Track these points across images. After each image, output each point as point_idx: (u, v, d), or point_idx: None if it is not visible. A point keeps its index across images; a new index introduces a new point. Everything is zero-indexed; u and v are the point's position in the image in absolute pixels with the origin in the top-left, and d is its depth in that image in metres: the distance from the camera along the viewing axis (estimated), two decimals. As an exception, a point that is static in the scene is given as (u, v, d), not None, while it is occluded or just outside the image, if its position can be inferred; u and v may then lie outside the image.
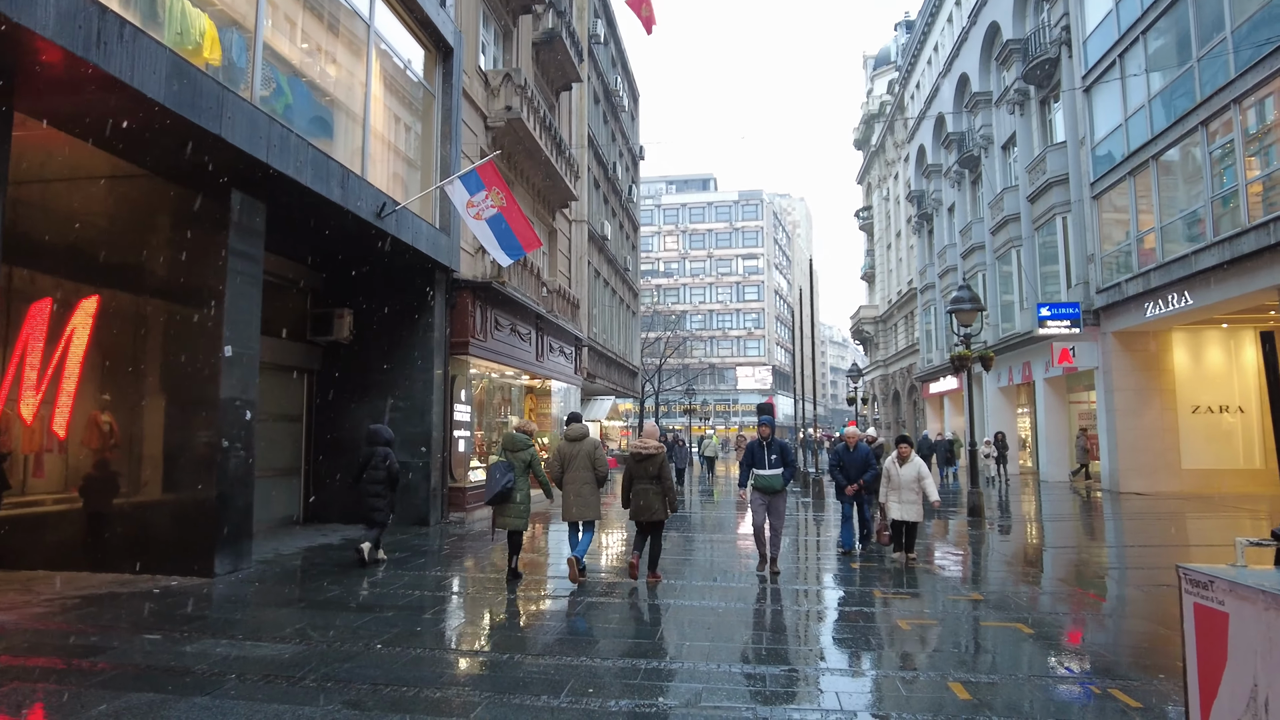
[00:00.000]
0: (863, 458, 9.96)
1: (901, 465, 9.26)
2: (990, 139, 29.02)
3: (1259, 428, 20.35)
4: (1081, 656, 5.44)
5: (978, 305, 14.76)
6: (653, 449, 7.89)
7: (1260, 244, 14.09)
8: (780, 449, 8.51)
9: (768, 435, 8.63)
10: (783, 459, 8.48)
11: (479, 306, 14.12)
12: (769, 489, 8.41)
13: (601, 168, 27.43)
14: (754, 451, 8.61)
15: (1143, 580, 8.40)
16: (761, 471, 8.48)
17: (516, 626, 6.47)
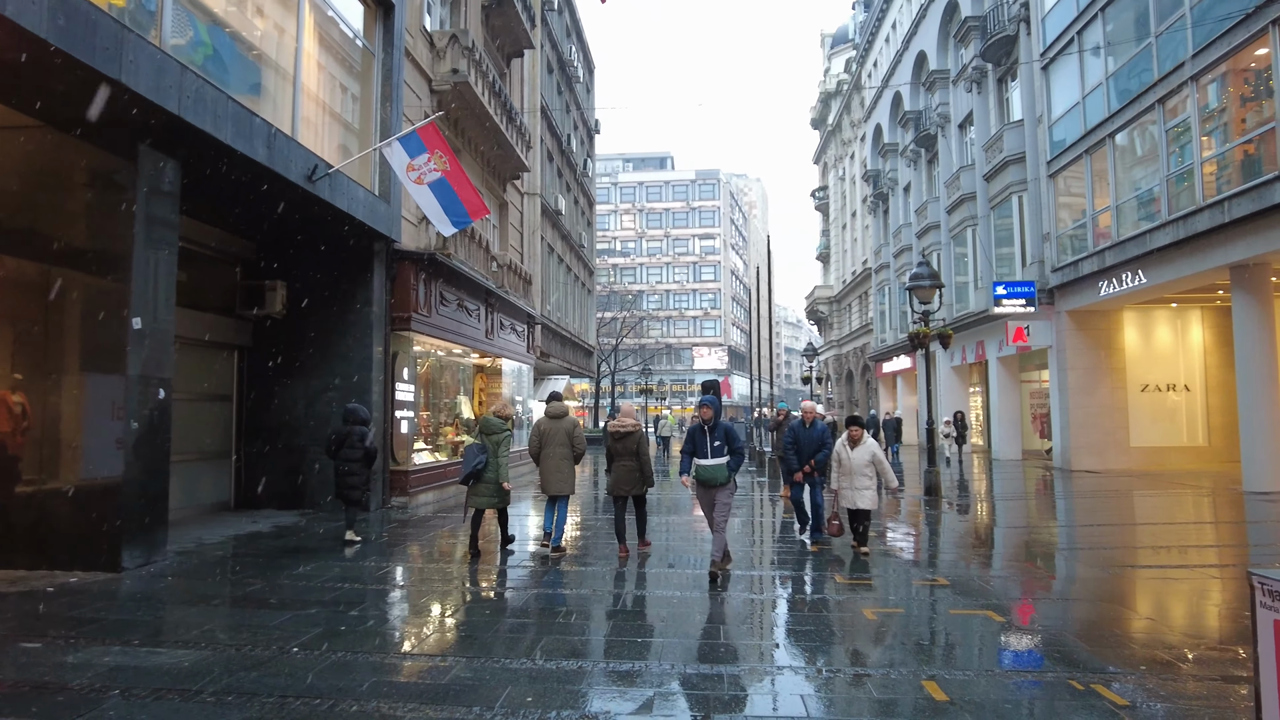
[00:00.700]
0: (819, 436, 9.13)
1: (853, 448, 8.32)
2: (947, 117, 28.91)
3: (1203, 406, 20.68)
4: (1056, 648, 5.10)
5: (937, 282, 14.51)
6: (630, 427, 8.40)
7: (1214, 222, 14.07)
8: (726, 434, 7.20)
9: (710, 418, 7.32)
10: (728, 445, 7.21)
11: (423, 280, 13.39)
12: (711, 481, 7.13)
13: (555, 140, 26.62)
14: (695, 438, 7.38)
15: (1105, 561, 8.19)
16: (703, 461, 7.20)
17: (455, 623, 5.93)
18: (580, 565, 7.98)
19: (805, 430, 9.22)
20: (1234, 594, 6.70)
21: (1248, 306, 14.27)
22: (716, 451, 7.20)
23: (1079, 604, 6.36)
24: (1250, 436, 14.13)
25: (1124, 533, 10.44)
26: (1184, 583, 7.15)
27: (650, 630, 5.57)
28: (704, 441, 7.27)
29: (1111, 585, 7.09)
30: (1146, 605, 6.36)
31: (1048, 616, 5.95)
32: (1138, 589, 6.97)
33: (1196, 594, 6.75)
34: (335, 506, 12.05)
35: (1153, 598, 6.65)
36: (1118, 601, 6.49)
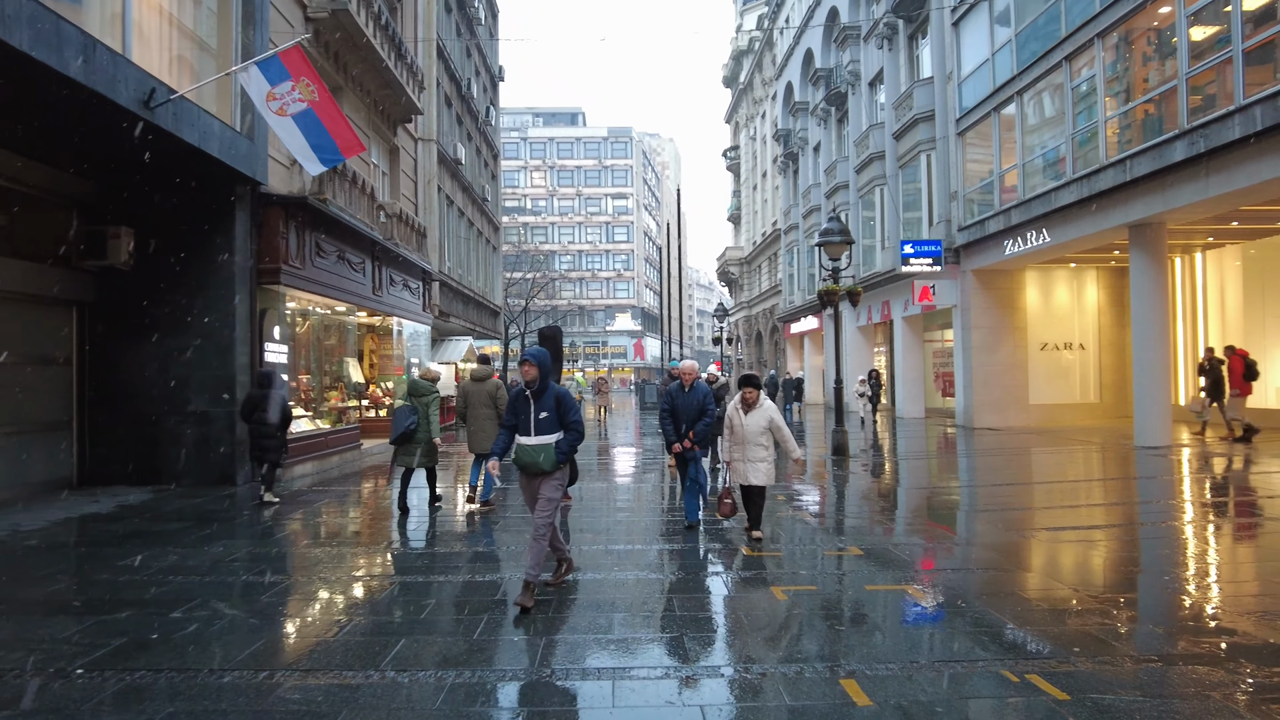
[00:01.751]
0: (699, 401, 7.67)
1: (746, 413, 7.07)
2: (858, 75, 28.65)
3: (1096, 364, 21.30)
4: (983, 629, 4.61)
5: (847, 238, 14.10)
6: (716, 386, 10.13)
7: (1116, 181, 14.11)
8: (557, 402, 5.34)
9: (535, 380, 5.33)
10: (559, 419, 5.33)
11: (295, 228, 12.02)
12: (533, 467, 5.28)
13: (454, 84, 24.95)
14: (516, 406, 5.44)
15: (1020, 524, 7.91)
16: (525, 439, 5.32)
17: (300, 626, 5.00)
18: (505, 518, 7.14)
19: (683, 394, 7.73)
20: (1155, 555, 6.45)
21: (1144, 266, 14.45)
22: (543, 426, 5.27)
23: (1000, 575, 5.94)
24: (1143, 393, 14.41)
25: (1034, 492, 10.30)
26: (1100, 545, 6.88)
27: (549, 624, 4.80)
28: (527, 412, 5.35)
29: (1030, 551, 6.74)
30: (1071, 574, 6.00)
31: (969, 591, 5.48)
32: (1059, 556, 6.64)
33: (1115, 559, 6.45)
34: (192, 483, 10.79)
35: (1075, 565, 6.31)
36: (1040, 571, 6.11)
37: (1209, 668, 3.93)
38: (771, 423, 6.99)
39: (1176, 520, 8.10)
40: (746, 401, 7.09)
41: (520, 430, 5.38)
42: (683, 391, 7.75)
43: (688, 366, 7.86)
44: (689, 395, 7.70)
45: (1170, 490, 10.01)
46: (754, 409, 7.06)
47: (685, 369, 7.84)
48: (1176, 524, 7.88)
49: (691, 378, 7.79)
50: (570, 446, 5.34)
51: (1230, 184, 11.78)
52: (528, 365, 5.32)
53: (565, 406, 5.35)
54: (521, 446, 5.35)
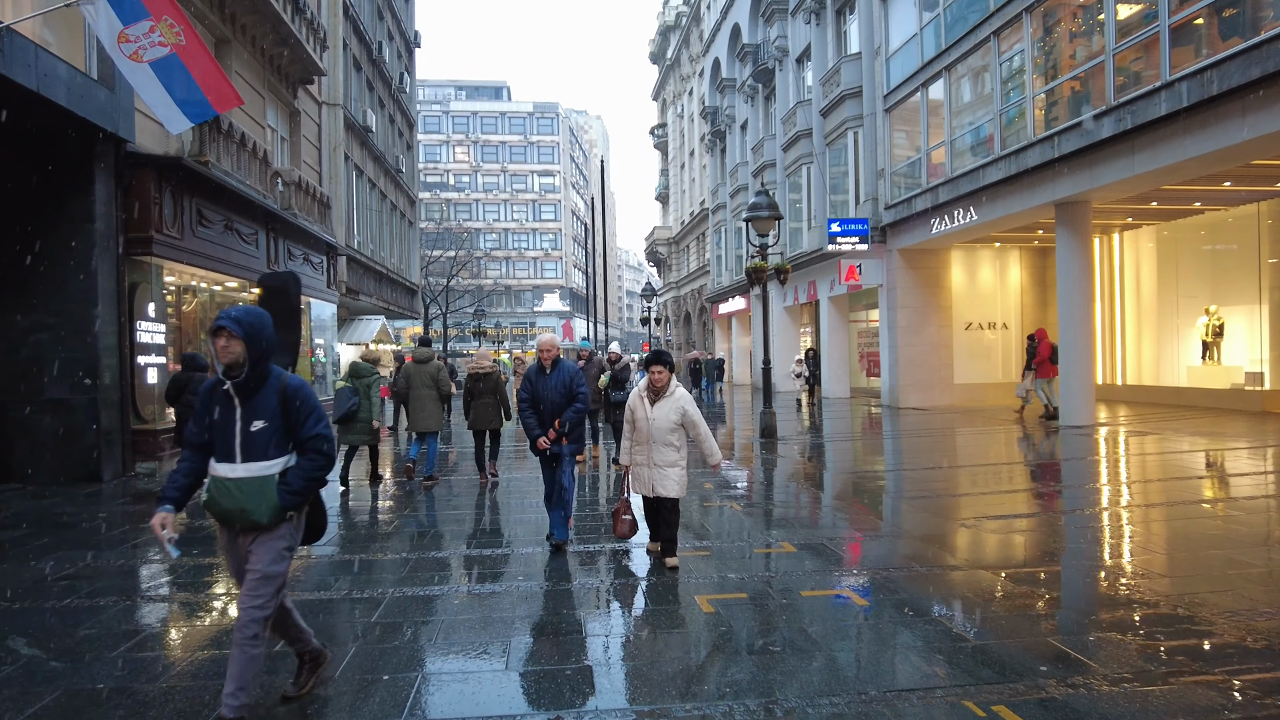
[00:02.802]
0: (565, 383, 6.14)
1: (654, 402, 5.55)
2: (785, 51, 28.21)
3: (1018, 344, 21.50)
4: (935, 644, 4.05)
5: (775, 213, 13.55)
6: (488, 369, 9.31)
7: (1043, 158, 13.95)
8: (286, 401, 3.25)
9: (238, 362, 3.18)
10: (287, 431, 3.27)
11: (171, 193, 10.73)
12: (233, 516, 3.20)
13: (364, 47, 23.39)
14: (209, 408, 3.27)
15: (959, 512, 7.50)
16: (222, 470, 3.20)
17: (124, 672, 4.07)
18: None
19: (544, 377, 6.18)
20: (1104, 543, 6.08)
21: (1070, 244, 14.38)
22: (254, 446, 3.17)
23: (947, 574, 5.43)
24: (1068, 371, 14.39)
25: (967, 476, 9.99)
26: (1047, 535, 6.48)
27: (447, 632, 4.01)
28: (227, 420, 3.20)
29: (977, 544, 6.29)
30: (1024, 571, 5.54)
31: (915, 595, 4.94)
32: (1008, 549, 6.21)
33: (1066, 550, 6.04)
34: (53, 478, 9.51)
35: (1025, 559, 5.87)
36: (991, 567, 5.63)
37: (1197, 679, 3.45)
38: (685, 416, 5.47)
39: (1123, 505, 7.83)
40: (654, 387, 5.48)
41: (216, 453, 3.22)
42: (543, 374, 6.18)
43: (546, 341, 6.33)
44: (551, 378, 6.15)
45: (1108, 472, 9.83)
46: (664, 397, 5.48)
47: (544, 344, 6.31)
48: (1123, 508, 7.60)
49: (553, 355, 6.25)
50: (307, 482, 3.22)
51: (1155, 161, 11.68)
52: (224, 336, 3.12)
53: (303, 409, 3.23)
54: (216, 481, 3.19)
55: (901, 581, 5.15)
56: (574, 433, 6.18)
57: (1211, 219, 16.68)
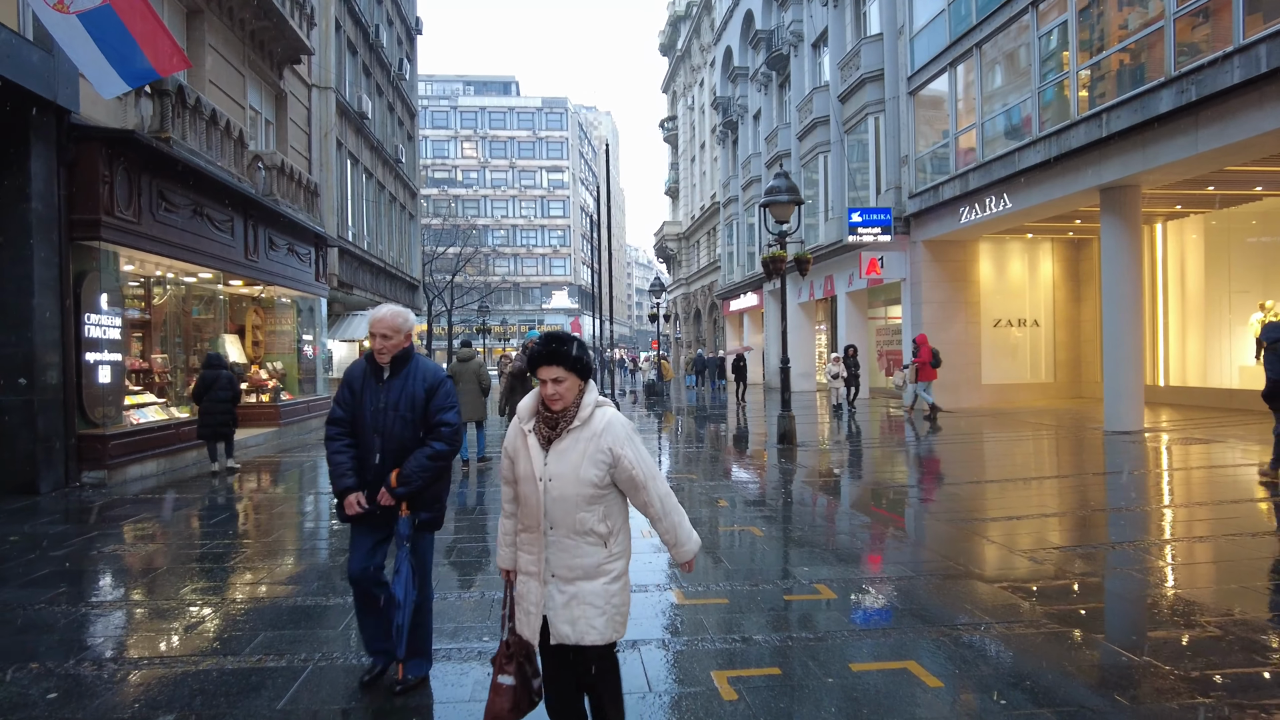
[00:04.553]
0: (412, 401, 3.54)
1: (552, 443, 2.67)
2: (801, 36, 26.97)
3: (1051, 341, 20.26)
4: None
5: (795, 197, 12.36)
6: (522, 366, 9.74)
7: (1090, 138, 12.72)
8: None
9: None
10: None
11: (125, 172, 9.63)
12: None
13: (360, 29, 22.32)
14: None
15: (1016, 539, 6.34)
16: None
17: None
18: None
19: (375, 388, 3.56)
20: (1181, 579, 4.91)
21: (1117, 234, 13.14)
22: None
23: (1037, 635, 4.26)
24: (1114, 372, 13.16)
25: (1019, 493, 8.79)
26: (1142, 573, 5.32)
27: None
28: None
29: (1055, 585, 5.12)
30: (1162, 636, 4.38)
31: (1003, 664, 3.80)
32: (1096, 593, 5.06)
33: (1201, 603, 4.88)
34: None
35: (1147, 614, 4.71)
36: (1086, 624, 4.47)
37: None
38: (619, 468, 2.64)
39: (1204, 527, 6.64)
40: (550, 408, 2.68)
41: None
42: (375, 382, 3.55)
43: (383, 321, 3.49)
44: (392, 389, 3.53)
45: (1173, 487, 8.63)
46: (571, 430, 2.66)
47: (379, 324, 3.49)
48: (1206, 531, 6.41)
49: (393, 346, 3.51)
50: None
51: (1223, 137, 10.44)
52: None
53: None
54: None
55: (977, 644, 3.99)
56: (425, 494, 3.49)
57: (1265, 207, 15.37)
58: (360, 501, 3.43)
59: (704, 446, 13.51)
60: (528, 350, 8.58)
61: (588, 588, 2.60)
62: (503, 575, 2.84)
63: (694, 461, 11.59)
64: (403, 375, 3.53)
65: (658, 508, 2.67)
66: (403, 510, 3.44)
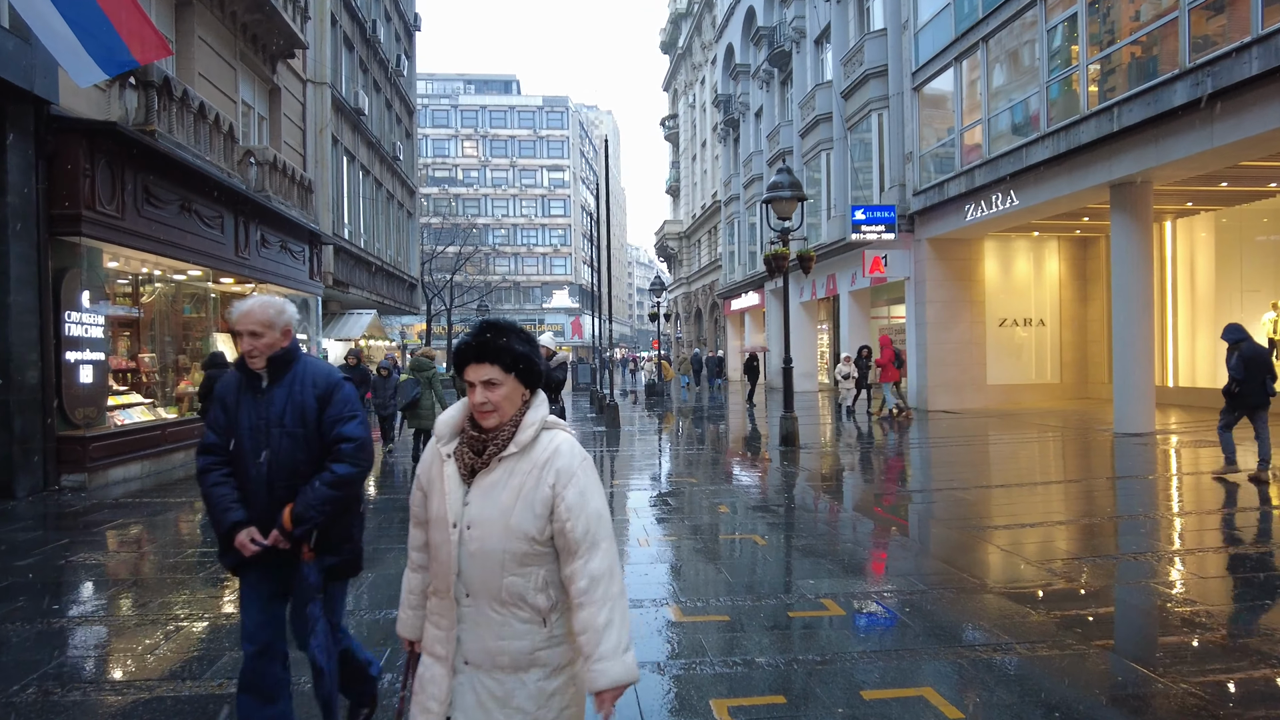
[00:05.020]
0: (300, 413, 2.77)
1: (477, 473, 1.90)
2: (803, 32, 26.67)
3: (1057, 341, 19.95)
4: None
5: (798, 193, 12.06)
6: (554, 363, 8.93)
7: (1100, 132, 12.40)
8: None
9: None
10: None
11: (107, 165, 9.35)
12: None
13: (357, 25, 22.03)
14: None
15: (1030, 547, 6.04)
16: None
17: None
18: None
19: (252, 401, 2.80)
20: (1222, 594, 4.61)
21: (1127, 231, 12.83)
22: None
23: (1064, 656, 3.97)
24: (1125, 373, 12.85)
25: (1025, 497, 8.49)
26: (1166, 581, 5.02)
27: None
28: None
29: (1067, 593, 4.82)
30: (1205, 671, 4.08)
31: (1031, 691, 3.50)
32: (1105, 600, 4.76)
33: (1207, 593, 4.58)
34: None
35: (1170, 628, 4.42)
36: (1095, 634, 4.18)
37: None
38: (559, 512, 1.86)
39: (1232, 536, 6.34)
40: (480, 424, 1.92)
41: None
42: (251, 395, 2.80)
43: (252, 314, 2.75)
44: (274, 398, 2.79)
45: (1192, 493, 8.33)
46: (506, 457, 1.89)
47: (245, 318, 2.75)
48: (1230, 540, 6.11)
49: (272, 346, 2.77)
50: None
51: (1240, 131, 10.12)
52: None
53: None
54: None
55: (997, 667, 3.69)
56: (331, 532, 2.76)
57: (1277, 204, 15.07)
58: (255, 538, 2.65)
59: (704, 449, 13.22)
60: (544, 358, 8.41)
61: (514, 685, 1.83)
62: (404, 646, 2.08)
63: (694, 464, 11.31)
64: (286, 382, 2.76)
65: (583, 586, 1.81)
66: (305, 554, 2.69)
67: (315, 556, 2.71)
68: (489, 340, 1.85)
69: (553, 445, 1.89)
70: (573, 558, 1.84)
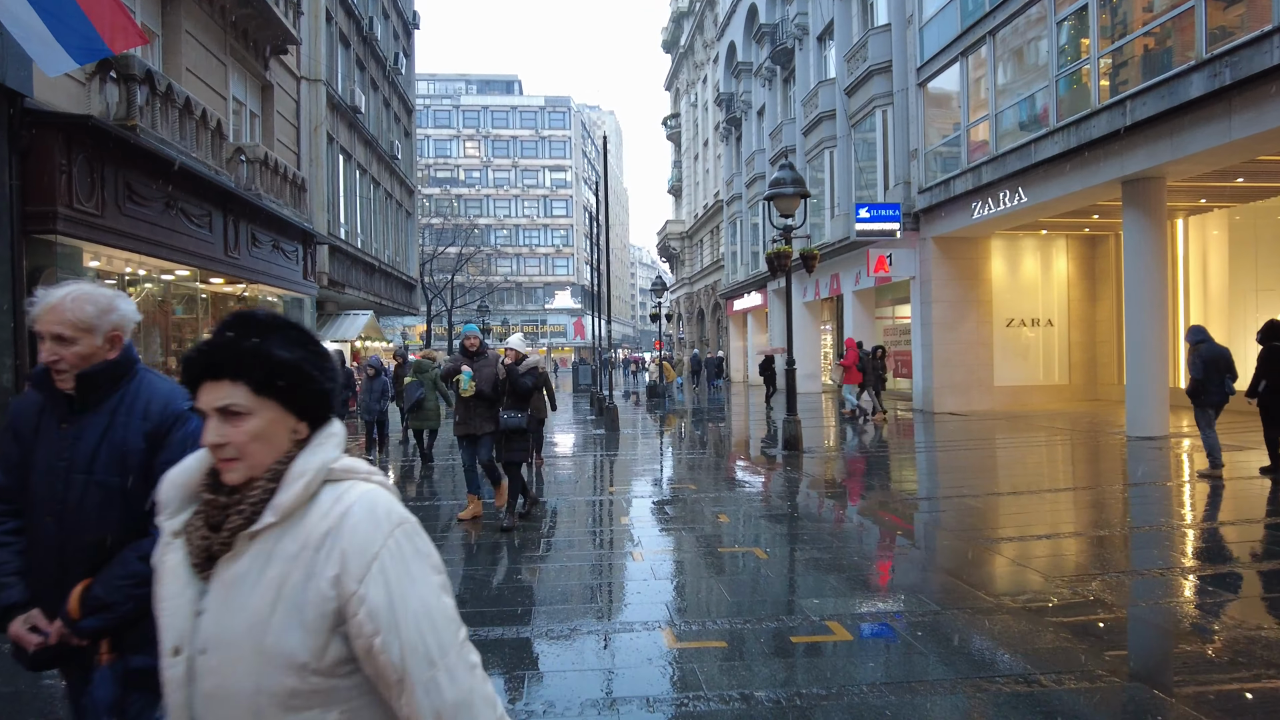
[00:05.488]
0: (118, 456, 1.91)
1: (232, 561, 1.17)
2: (805, 29, 26.33)
3: (1065, 341, 19.57)
4: None
5: (801, 189, 11.73)
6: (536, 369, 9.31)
7: (1113, 126, 12.04)
8: None
9: None
10: None
11: (86, 161, 9.03)
12: None
13: (353, 22, 21.72)
14: None
15: (1045, 561, 5.69)
16: None
17: None
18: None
19: (55, 430, 1.95)
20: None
21: (1140, 228, 12.46)
22: None
23: (1099, 687, 3.63)
24: (1137, 375, 12.48)
25: (1052, 509, 8.14)
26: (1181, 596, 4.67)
27: None
28: None
29: (1090, 604, 4.48)
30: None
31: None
32: (1119, 621, 4.41)
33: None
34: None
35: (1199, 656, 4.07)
36: (1131, 667, 3.84)
37: None
38: (370, 631, 1.11)
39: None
40: (220, 479, 1.21)
41: None
42: (55, 422, 1.96)
43: (56, 306, 1.90)
44: (83, 436, 1.92)
45: (1212, 500, 7.98)
46: (264, 531, 1.16)
47: (51, 311, 1.90)
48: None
49: (87, 358, 1.92)
50: None
51: (1260, 124, 9.75)
52: None
53: None
54: None
55: (1024, 703, 3.35)
56: (147, 625, 1.38)
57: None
58: (38, 625, 1.89)
59: (705, 452, 12.88)
60: (514, 361, 7.00)
61: None
62: None
63: (694, 469, 10.97)
64: (106, 410, 1.94)
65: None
66: (102, 655, 1.88)
67: (116, 658, 1.87)
68: (231, 344, 1.18)
69: (339, 509, 1.16)
70: (396, 693, 1.12)
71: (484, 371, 7.03)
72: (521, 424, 6.81)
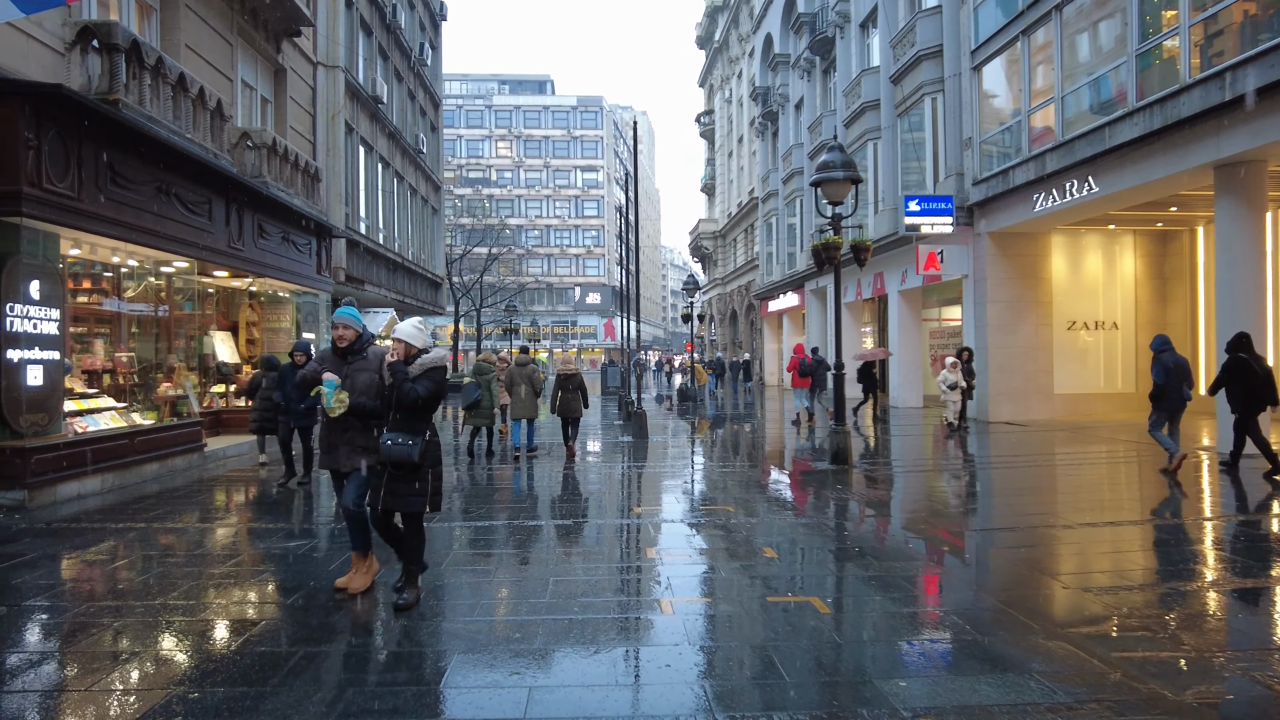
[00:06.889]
0: None
1: None
2: (847, 16, 25.00)
3: (1131, 346, 18.06)
4: None
5: (852, 173, 10.51)
6: (572, 370, 12.09)
7: (1207, 103, 10.67)
8: None
9: None
10: None
11: (62, 138, 8.17)
12: None
13: (375, 9, 20.91)
14: None
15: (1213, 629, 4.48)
16: None
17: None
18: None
19: None
20: None
21: (1235, 218, 11.07)
22: None
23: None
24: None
25: (1164, 551, 6.88)
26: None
27: None
28: None
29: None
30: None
31: None
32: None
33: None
34: None
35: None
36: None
37: None
38: None
39: None
40: None
41: None
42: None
43: None
44: None
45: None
46: None
47: None
48: None
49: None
50: None
51: (1394, 94, 8.39)
52: None
53: None
54: None
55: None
56: None
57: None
58: None
59: (741, 463, 11.74)
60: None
61: None
62: None
63: (731, 485, 9.80)
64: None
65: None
66: None
67: None
68: None
69: None
70: None
71: (359, 378, 4.93)
72: (412, 455, 4.57)
